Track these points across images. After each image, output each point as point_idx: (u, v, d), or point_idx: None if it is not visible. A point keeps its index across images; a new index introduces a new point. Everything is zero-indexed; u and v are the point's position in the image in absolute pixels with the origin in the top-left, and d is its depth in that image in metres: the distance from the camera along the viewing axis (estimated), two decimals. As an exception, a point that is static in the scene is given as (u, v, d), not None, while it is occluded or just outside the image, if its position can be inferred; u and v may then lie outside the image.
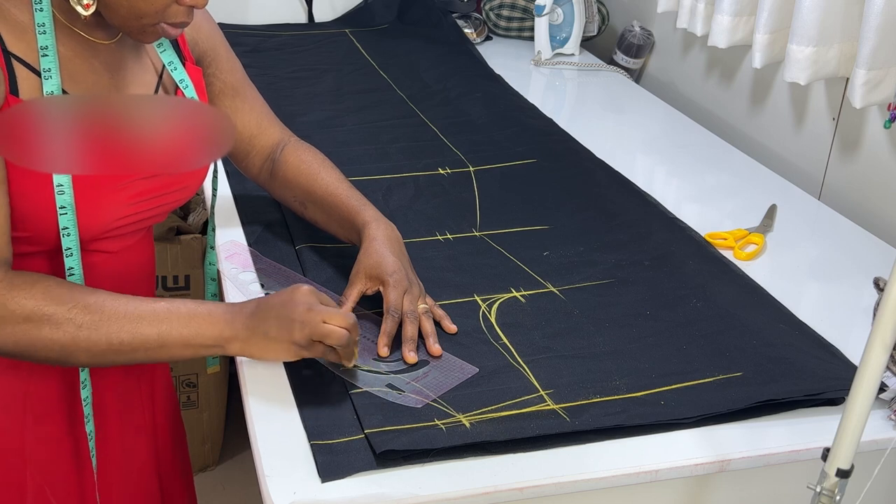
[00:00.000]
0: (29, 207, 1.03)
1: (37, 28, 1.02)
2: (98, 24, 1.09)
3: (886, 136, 1.59)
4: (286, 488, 0.95)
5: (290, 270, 1.30)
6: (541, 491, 0.98)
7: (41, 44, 1.02)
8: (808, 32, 1.56)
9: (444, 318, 1.20)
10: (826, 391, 1.10)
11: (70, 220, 1.04)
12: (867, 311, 1.26)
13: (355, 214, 1.27)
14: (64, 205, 1.03)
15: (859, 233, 1.54)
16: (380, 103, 1.96)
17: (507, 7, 2.46)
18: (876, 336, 0.80)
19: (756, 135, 1.93)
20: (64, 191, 1.03)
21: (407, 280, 1.18)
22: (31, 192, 1.03)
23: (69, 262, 1.06)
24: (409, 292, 1.17)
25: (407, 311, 1.15)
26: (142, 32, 1.06)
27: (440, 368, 1.12)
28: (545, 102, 2.04)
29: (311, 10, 2.48)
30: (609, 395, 1.09)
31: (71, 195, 1.03)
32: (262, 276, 1.29)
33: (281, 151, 1.35)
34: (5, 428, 1.13)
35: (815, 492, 0.85)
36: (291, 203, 1.36)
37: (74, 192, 1.04)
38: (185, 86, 1.17)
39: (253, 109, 1.35)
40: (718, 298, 1.29)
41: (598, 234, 1.46)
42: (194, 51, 1.24)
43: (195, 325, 1.04)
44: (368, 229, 1.23)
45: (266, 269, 1.31)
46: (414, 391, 1.07)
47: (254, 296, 1.24)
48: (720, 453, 1.03)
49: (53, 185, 1.02)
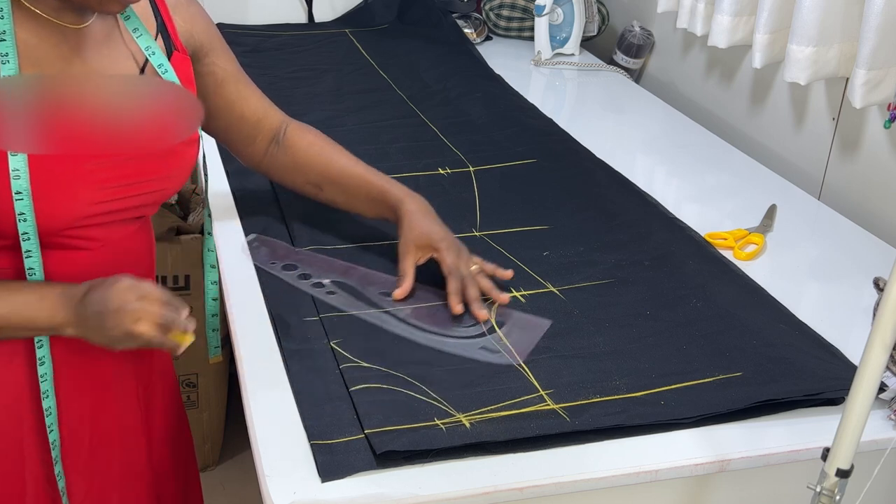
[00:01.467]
0: None
1: None
2: (65, 6, 1.04)
3: (886, 136, 1.59)
4: (286, 488, 0.95)
5: (330, 258, 1.33)
6: (541, 491, 0.98)
7: None
8: (808, 32, 1.56)
9: (496, 270, 1.28)
10: (826, 391, 1.10)
11: (27, 205, 1.02)
12: (867, 311, 1.26)
13: (385, 193, 1.32)
14: (20, 190, 1.01)
15: (859, 233, 1.54)
16: (380, 103, 1.96)
17: (507, 7, 2.46)
18: (876, 336, 0.80)
19: (756, 135, 1.93)
20: (20, 175, 1.00)
21: (456, 244, 1.26)
22: None
23: (26, 246, 1.04)
24: (461, 255, 1.25)
25: (465, 274, 1.23)
26: (102, 1, 1.02)
27: (518, 325, 1.17)
28: (545, 102, 2.04)
29: (311, 10, 2.48)
30: (609, 395, 1.09)
31: (27, 180, 1.01)
32: (305, 266, 1.31)
33: (284, 134, 1.36)
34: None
35: (815, 492, 0.85)
36: (303, 186, 1.38)
37: (31, 178, 1.01)
38: (164, 70, 1.14)
39: (256, 93, 1.36)
40: (718, 298, 1.29)
41: (598, 234, 1.46)
42: (189, 43, 1.22)
43: (30, 310, 1.04)
44: (404, 205, 1.29)
45: (306, 259, 1.32)
46: (507, 350, 1.12)
47: (306, 289, 1.26)
48: (720, 453, 1.03)
49: (9, 170, 1.00)
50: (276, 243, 1.37)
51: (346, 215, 1.40)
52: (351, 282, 1.28)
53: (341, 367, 1.11)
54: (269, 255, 1.34)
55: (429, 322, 1.18)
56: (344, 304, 1.22)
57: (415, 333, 1.17)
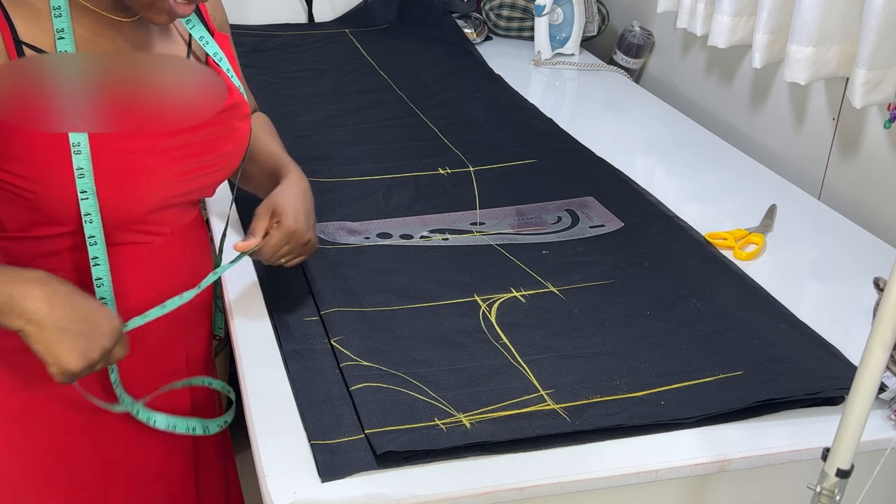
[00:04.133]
0: (49, 189, 1.03)
1: (52, 11, 1.01)
2: (117, 2, 1.08)
3: (886, 136, 1.59)
4: (286, 488, 0.95)
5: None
6: (541, 491, 0.98)
7: (57, 27, 1.01)
8: (807, 32, 1.56)
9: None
10: (826, 390, 1.10)
11: (92, 205, 1.03)
12: (867, 311, 1.26)
13: (282, 164, 1.28)
14: (85, 189, 1.02)
15: (859, 233, 1.54)
16: (380, 103, 1.96)
17: (507, 7, 2.46)
18: (876, 336, 0.80)
19: (756, 135, 1.93)
20: (84, 174, 1.02)
21: (301, 226, 1.19)
22: (49, 172, 1.02)
23: (93, 252, 1.06)
24: (296, 235, 1.19)
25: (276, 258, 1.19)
26: (150, 8, 1.04)
27: None
28: (545, 102, 2.04)
29: (311, 10, 2.48)
30: (609, 395, 1.09)
31: (91, 178, 1.02)
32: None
33: None
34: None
35: (815, 492, 0.85)
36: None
37: (96, 175, 1.02)
38: (220, 59, 1.18)
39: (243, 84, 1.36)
40: (718, 298, 1.29)
41: (598, 234, 1.46)
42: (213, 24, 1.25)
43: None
44: (289, 174, 1.26)
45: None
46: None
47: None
48: (720, 453, 1.03)
49: (73, 168, 1.01)
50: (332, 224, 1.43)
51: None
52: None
53: (342, 366, 1.11)
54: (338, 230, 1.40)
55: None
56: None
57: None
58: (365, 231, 1.43)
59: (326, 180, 1.58)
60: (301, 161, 1.39)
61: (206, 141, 1.13)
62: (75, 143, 1.00)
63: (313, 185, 1.31)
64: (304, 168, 1.31)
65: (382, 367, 1.11)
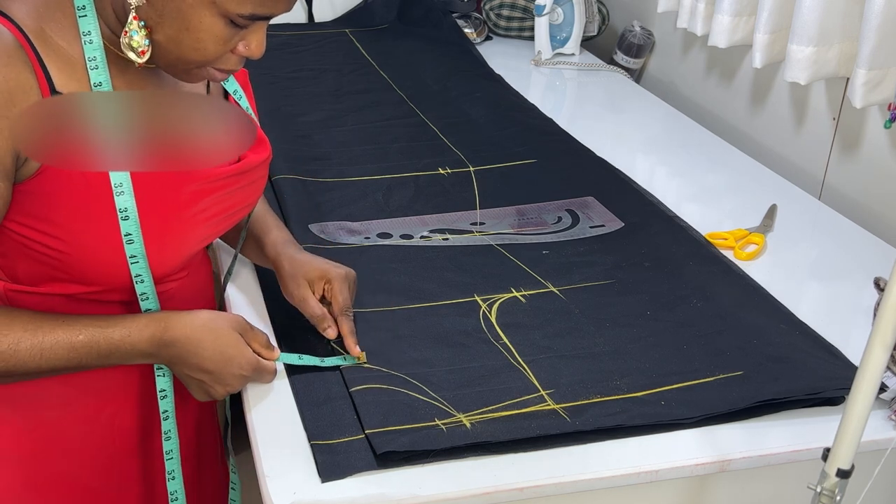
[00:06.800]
0: (98, 261, 1.02)
1: (88, 63, 0.98)
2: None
3: (886, 136, 1.59)
4: (286, 488, 0.95)
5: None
6: (541, 491, 0.98)
7: (94, 80, 0.98)
8: (808, 32, 1.56)
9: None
10: (826, 390, 1.10)
11: (143, 267, 1.03)
12: (867, 311, 1.25)
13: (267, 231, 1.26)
14: (134, 254, 1.02)
15: (859, 233, 1.54)
16: (380, 103, 1.96)
17: (507, 7, 2.46)
18: (876, 336, 0.80)
19: (756, 135, 1.93)
20: (133, 240, 1.01)
21: (341, 268, 1.19)
22: (98, 245, 1.01)
23: (145, 305, 1.06)
24: (350, 278, 1.19)
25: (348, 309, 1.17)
26: (186, 74, 1.02)
27: None
28: (545, 102, 2.04)
29: (311, 10, 2.48)
30: (609, 395, 1.09)
31: (141, 243, 1.01)
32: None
33: None
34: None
35: (816, 492, 0.85)
36: None
37: (144, 238, 1.01)
38: (239, 97, 1.16)
39: None
40: (719, 298, 1.29)
41: (598, 233, 1.46)
42: None
43: (114, 359, 1.03)
44: (285, 236, 1.24)
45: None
46: None
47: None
48: (720, 453, 1.03)
49: (121, 235, 1.01)
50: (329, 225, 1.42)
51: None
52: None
53: (341, 367, 1.11)
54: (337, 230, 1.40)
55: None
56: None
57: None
58: (365, 231, 1.43)
59: (326, 180, 1.58)
60: (301, 161, 1.40)
61: (235, 179, 1.11)
62: (122, 208, 0.99)
63: (313, 184, 1.31)
64: (304, 168, 1.31)
65: (383, 368, 1.11)
